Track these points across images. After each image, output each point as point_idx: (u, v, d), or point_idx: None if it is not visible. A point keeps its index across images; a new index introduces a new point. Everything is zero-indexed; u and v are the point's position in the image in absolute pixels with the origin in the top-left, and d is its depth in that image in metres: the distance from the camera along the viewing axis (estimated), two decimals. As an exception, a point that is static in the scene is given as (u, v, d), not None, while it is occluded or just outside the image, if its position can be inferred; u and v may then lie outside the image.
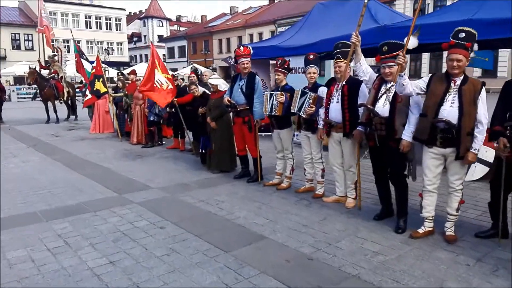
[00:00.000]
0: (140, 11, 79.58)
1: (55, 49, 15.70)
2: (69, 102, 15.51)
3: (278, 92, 5.45)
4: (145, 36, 71.53)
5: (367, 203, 4.92)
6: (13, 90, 30.95)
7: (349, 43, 4.38)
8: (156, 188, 5.88)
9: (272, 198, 5.30)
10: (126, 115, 10.84)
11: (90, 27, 51.10)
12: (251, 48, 6.06)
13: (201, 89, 7.16)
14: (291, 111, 5.20)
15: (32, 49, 44.58)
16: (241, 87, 5.98)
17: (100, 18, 52.76)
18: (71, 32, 14.79)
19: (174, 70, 40.71)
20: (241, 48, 6.04)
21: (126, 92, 10.46)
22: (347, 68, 4.49)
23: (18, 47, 44.05)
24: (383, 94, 4.03)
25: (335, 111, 4.59)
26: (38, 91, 14.89)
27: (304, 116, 5.03)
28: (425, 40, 4.62)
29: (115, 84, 11.74)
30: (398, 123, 3.90)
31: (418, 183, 4.18)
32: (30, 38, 44.87)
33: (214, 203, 5.12)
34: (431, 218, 3.90)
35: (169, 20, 72.58)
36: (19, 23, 44.21)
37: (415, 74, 33.27)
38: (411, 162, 3.99)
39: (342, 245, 3.71)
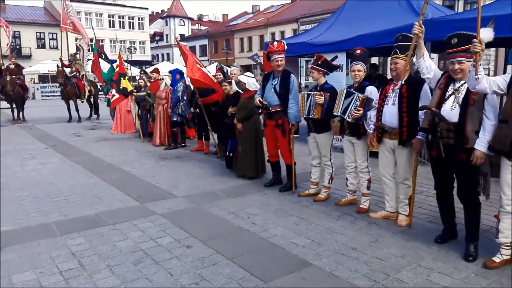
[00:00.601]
0: (162, 11, 79.89)
1: (76, 47, 15.47)
2: (91, 100, 15.27)
3: (316, 92, 4.86)
4: (167, 35, 71.68)
5: (421, 221, 4.28)
6: (37, 88, 31.21)
7: (410, 35, 3.74)
8: (180, 197, 5.37)
9: (310, 211, 4.71)
10: (148, 115, 10.43)
11: (113, 26, 51.40)
12: (285, 44, 5.47)
13: (234, 87, 6.59)
14: (334, 113, 4.59)
15: (56, 48, 44.97)
16: (274, 86, 5.41)
17: (123, 17, 53.01)
18: (93, 29, 14.50)
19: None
20: (275, 43, 5.47)
21: (149, 91, 10.03)
22: (407, 65, 3.85)
23: (43, 46, 44.58)
24: (450, 95, 3.39)
25: (390, 114, 3.96)
26: (61, 89, 14.67)
27: (349, 120, 4.42)
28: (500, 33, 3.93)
29: (136, 83, 11.32)
30: (469, 129, 3.26)
31: (491, 202, 3.53)
32: (54, 37, 45.34)
33: (245, 216, 4.57)
34: (509, 244, 3.25)
35: (190, 19, 72.61)
36: (44, 22, 44.72)
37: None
38: (485, 177, 3.34)
39: (403, 277, 3.10)
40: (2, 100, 14.25)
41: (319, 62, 4.96)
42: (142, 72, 11.46)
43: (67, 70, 14.83)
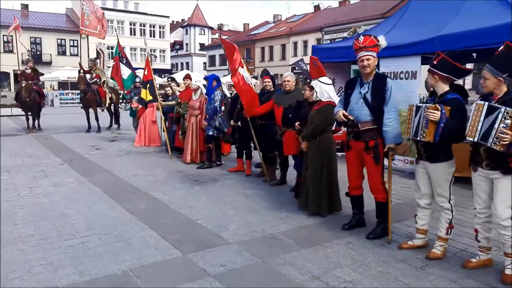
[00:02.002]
0: (183, 20, 79.74)
1: (97, 52, 14.40)
2: (112, 109, 14.09)
3: (431, 105, 3.43)
4: (187, 44, 71.28)
5: None
6: (56, 95, 30.42)
7: None
8: (233, 243, 3.97)
9: (431, 278, 3.25)
10: (176, 127, 9.13)
11: (134, 34, 50.97)
12: (378, 38, 4.05)
13: (315, 95, 5.08)
14: (469, 137, 3.14)
15: (77, 55, 44.56)
16: (363, 96, 4.00)
17: (144, 25, 52.60)
18: (115, 30, 13.36)
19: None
20: (361, 38, 4.07)
21: (179, 100, 8.73)
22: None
23: (63, 53, 44.22)
24: None
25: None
26: (81, 97, 13.53)
27: (496, 147, 2.98)
28: None
29: (163, 91, 10.06)
30: None
31: None
32: (75, 44, 44.92)
33: (338, 284, 3.14)
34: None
35: (211, 28, 72.08)
36: (66, 29, 44.39)
37: None
38: None
39: None
40: (17, 107, 13.18)
41: (435, 62, 3.54)
42: (169, 79, 10.18)
43: (87, 76, 13.70)
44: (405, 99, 6.74)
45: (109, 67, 14.54)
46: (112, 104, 13.95)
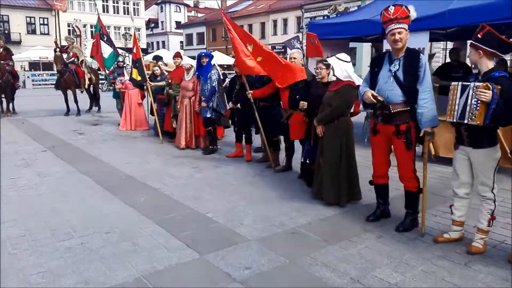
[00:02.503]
0: (158, -4, 77.07)
1: (72, 29, 13.52)
2: (91, 90, 13.32)
3: (481, 84, 3.07)
4: (162, 22, 69.18)
5: None
6: (28, 76, 28.92)
7: None
8: (253, 241, 3.58)
9: (480, 277, 2.96)
10: (165, 109, 8.60)
11: (107, 12, 48.93)
12: (410, 9, 3.63)
13: (331, 74, 4.62)
14: (448, 118, 2.89)
15: (48, 33, 42.56)
16: (394, 74, 3.61)
17: (117, 2, 50.59)
18: (95, 6, 12.54)
19: (194, 58, 38.36)
20: (391, 8, 3.63)
21: (170, 81, 8.17)
22: None
23: (33, 32, 42.04)
24: None
25: None
26: (57, 78, 12.70)
27: (473, 122, 2.78)
28: None
29: (149, 71, 9.43)
30: None
31: None
32: (45, 22, 42.82)
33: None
34: None
35: (187, 5, 70.02)
36: (35, 6, 42.13)
37: None
38: None
39: None
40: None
41: (480, 36, 3.17)
42: (155, 58, 9.54)
43: (64, 56, 12.83)
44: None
45: (85, 45, 13.67)
46: (92, 85, 13.19)
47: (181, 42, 64.59)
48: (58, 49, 12.24)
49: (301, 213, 4.23)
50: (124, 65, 10.00)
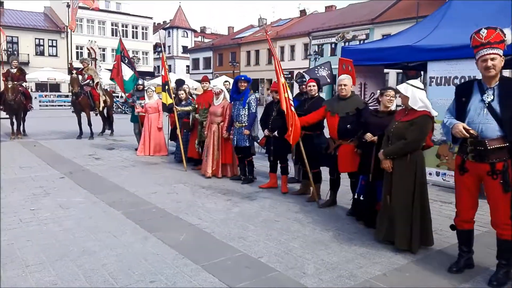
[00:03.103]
0: (164, 22, 78.27)
1: (88, 51, 13.27)
2: (105, 113, 12.93)
3: None
4: (169, 46, 69.89)
5: None
6: (35, 97, 28.67)
7: None
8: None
9: None
10: (189, 135, 8.16)
11: (116, 35, 49.26)
12: (506, 32, 3.20)
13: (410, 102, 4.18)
14: None
15: (56, 55, 42.79)
16: (488, 104, 3.16)
17: (126, 26, 51.05)
18: (120, 34, 12.30)
19: (199, 81, 38.31)
20: (483, 31, 3.19)
21: (196, 106, 7.76)
22: None
23: (41, 53, 42.27)
24: None
25: None
26: (72, 100, 12.35)
27: None
28: None
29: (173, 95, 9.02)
30: None
31: None
32: (54, 44, 43.15)
33: None
34: None
35: (194, 31, 70.84)
36: (44, 28, 42.46)
37: None
38: None
39: None
40: (1, 111, 11.89)
41: None
42: (179, 83, 9.16)
43: (79, 77, 12.51)
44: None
45: (100, 67, 13.37)
46: (106, 108, 12.83)
47: (187, 66, 65.08)
48: (74, 71, 11.91)
49: (369, 260, 3.70)
50: (145, 88, 9.61)
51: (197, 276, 3.34)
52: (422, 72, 9.90)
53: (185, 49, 66.72)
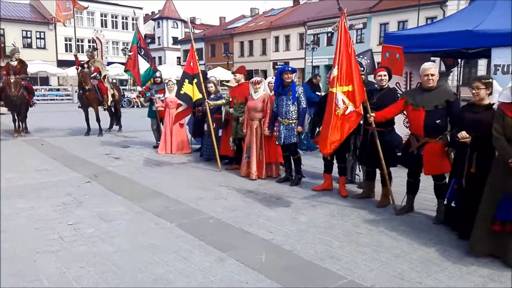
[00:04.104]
0: (153, 12, 76.59)
1: (93, 40, 12.41)
2: (112, 108, 12.12)
3: None
4: (159, 37, 68.43)
5: None
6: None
7: None
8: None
9: None
10: (221, 131, 7.47)
11: (106, 26, 47.88)
12: None
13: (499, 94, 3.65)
14: None
15: (44, 47, 41.37)
16: None
17: (116, 17, 49.68)
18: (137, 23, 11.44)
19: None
20: None
21: (230, 99, 7.06)
22: None
23: (29, 46, 40.73)
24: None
25: None
26: (79, 94, 11.51)
27: None
28: None
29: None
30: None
31: None
32: (42, 36, 41.68)
33: None
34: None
35: (184, 21, 69.33)
36: (31, 19, 40.92)
37: None
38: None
39: None
40: (2, 107, 11.02)
41: None
42: (208, 71, 8.42)
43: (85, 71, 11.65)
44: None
45: (107, 58, 12.53)
46: (113, 103, 12.01)
47: (178, 57, 63.80)
48: (86, 66, 11.06)
49: (500, 284, 3.10)
50: (165, 81, 8.84)
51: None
52: (459, 60, 9.30)
53: (175, 40, 65.40)
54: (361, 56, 8.26)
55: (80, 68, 11.00)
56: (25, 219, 4.52)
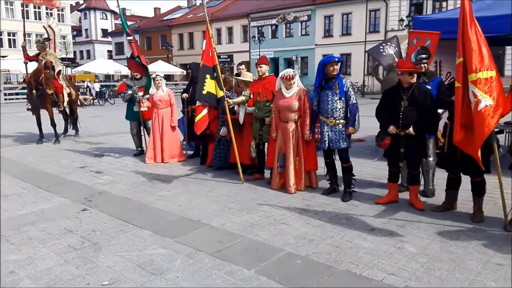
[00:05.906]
0: (77, 3, 70.95)
1: (46, 29, 10.43)
2: (66, 109, 10.28)
3: None
4: (86, 30, 63.74)
5: None
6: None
7: None
8: None
9: None
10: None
11: (28, 17, 43.24)
12: None
13: None
14: None
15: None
16: None
17: (39, 8, 45.08)
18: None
19: (127, 66, 34.47)
20: None
21: (251, 96, 5.86)
22: None
23: None
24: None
25: None
26: (28, 95, 9.55)
27: None
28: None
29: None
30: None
31: None
32: None
33: None
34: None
35: (113, 12, 64.99)
36: None
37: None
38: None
39: None
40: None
41: None
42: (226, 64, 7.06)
43: (34, 65, 9.69)
44: None
45: (60, 51, 10.58)
46: (69, 103, 10.17)
47: (109, 51, 59.93)
48: (24, 56, 9.15)
49: None
50: (153, 76, 7.33)
51: None
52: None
53: (105, 33, 61.27)
54: (389, 44, 7.43)
55: (38, 64, 9.08)
56: (29, 280, 3.06)
